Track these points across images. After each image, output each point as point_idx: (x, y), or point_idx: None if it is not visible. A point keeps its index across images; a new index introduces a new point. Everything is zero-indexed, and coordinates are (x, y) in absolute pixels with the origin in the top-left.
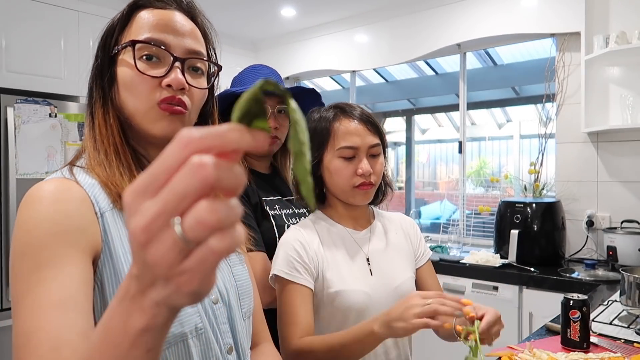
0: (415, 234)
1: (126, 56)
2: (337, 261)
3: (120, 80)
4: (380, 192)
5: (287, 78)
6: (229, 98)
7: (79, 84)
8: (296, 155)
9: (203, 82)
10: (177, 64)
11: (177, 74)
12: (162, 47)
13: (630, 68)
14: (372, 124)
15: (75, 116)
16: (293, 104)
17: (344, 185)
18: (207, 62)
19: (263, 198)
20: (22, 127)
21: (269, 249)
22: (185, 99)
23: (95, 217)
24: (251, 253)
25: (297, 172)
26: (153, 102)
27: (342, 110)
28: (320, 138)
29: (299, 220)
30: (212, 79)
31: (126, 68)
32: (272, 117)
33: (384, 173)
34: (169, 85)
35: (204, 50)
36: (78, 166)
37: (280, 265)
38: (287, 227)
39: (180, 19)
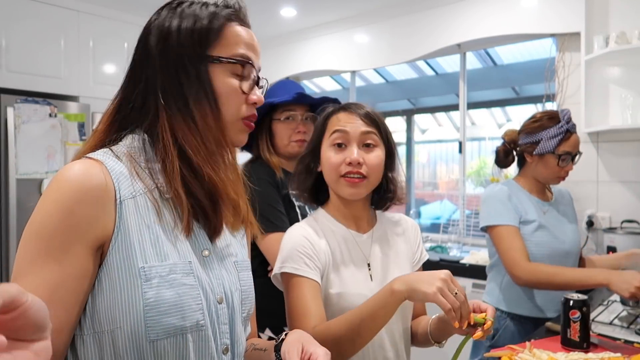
0: (416, 238)
1: (222, 68)
2: (340, 263)
3: (217, 90)
4: (385, 192)
5: (287, 78)
6: (264, 109)
7: (79, 84)
8: None
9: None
10: (258, 79)
11: (261, 92)
12: (253, 66)
13: (630, 68)
14: (369, 117)
15: (75, 116)
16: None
17: (332, 174)
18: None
19: (291, 191)
20: (22, 127)
21: None
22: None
23: (113, 205)
24: (280, 234)
25: None
26: (238, 116)
27: (344, 106)
28: (318, 130)
29: None
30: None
31: (225, 79)
32: (301, 122)
33: (392, 176)
34: (254, 103)
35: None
36: (115, 154)
37: (287, 262)
38: None
39: (254, 35)
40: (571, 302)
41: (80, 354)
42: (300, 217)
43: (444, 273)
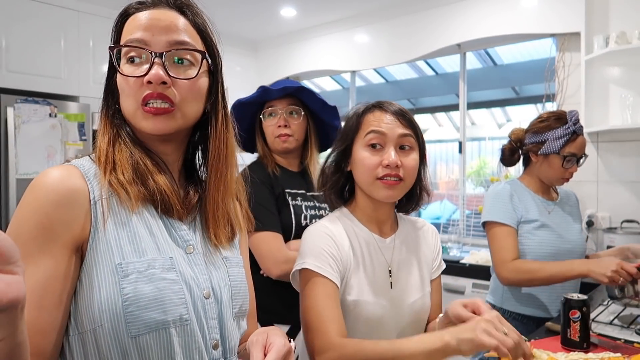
0: (436, 245)
1: (122, 60)
2: (361, 268)
3: (118, 85)
4: (414, 197)
5: (287, 78)
6: (249, 107)
7: (79, 84)
8: None
9: (191, 73)
10: (157, 59)
11: (154, 70)
12: (141, 46)
13: (630, 68)
14: (405, 117)
15: (75, 116)
16: None
17: (367, 176)
18: (199, 53)
19: (287, 190)
20: (22, 127)
21: (286, 232)
22: (170, 92)
23: (87, 206)
24: (264, 233)
25: None
26: (138, 102)
27: (377, 104)
28: (351, 128)
29: (318, 213)
30: (198, 67)
31: (118, 75)
32: (281, 116)
33: (420, 177)
34: (149, 82)
35: (190, 40)
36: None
37: (309, 259)
38: (304, 217)
39: (159, 15)
40: (571, 302)
41: (67, 356)
42: (293, 215)
43: (490, 315)
